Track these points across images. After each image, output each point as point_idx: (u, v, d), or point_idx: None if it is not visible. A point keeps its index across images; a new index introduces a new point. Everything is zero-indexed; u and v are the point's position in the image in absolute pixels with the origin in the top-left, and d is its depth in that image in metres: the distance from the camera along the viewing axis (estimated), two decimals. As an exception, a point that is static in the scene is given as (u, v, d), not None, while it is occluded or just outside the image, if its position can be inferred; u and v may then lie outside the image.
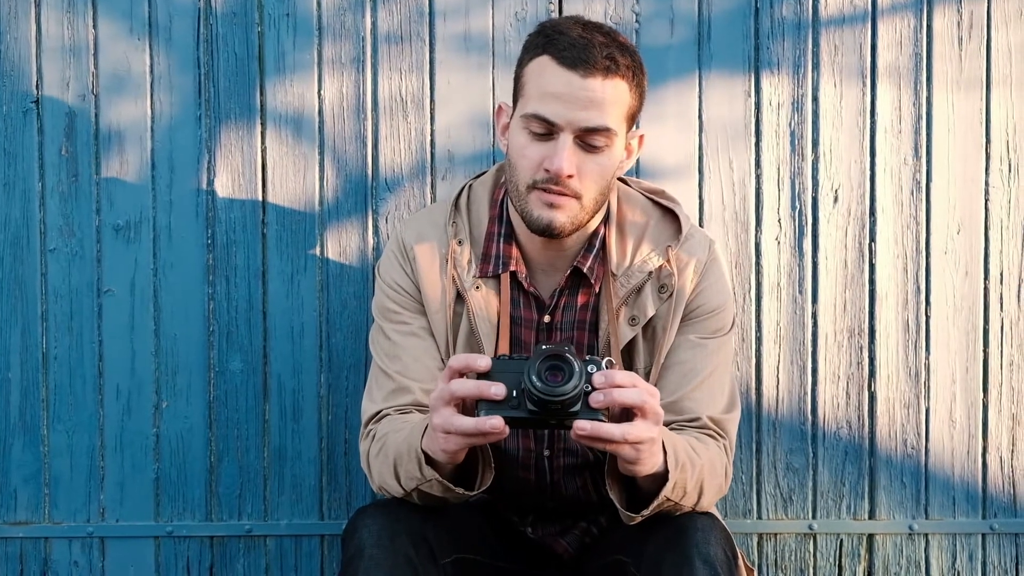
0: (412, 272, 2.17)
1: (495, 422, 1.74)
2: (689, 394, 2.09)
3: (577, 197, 2.02)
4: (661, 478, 1.87)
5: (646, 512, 1.89)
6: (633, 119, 2.06)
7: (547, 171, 2.00)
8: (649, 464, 1.83)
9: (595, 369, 1.75)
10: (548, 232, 2.04)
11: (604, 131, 1.99)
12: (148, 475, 2.59)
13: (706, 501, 1.99)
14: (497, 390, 1.75)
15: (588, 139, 1.99)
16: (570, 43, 1.98)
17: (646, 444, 1.79)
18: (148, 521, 2.59)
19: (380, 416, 2.12)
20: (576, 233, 2.09)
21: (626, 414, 1.78)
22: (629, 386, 1.76)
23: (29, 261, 2.56)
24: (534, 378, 1.71)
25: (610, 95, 1.98)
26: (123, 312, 2.56)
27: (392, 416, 2.09)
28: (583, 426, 1.74)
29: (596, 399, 1.75)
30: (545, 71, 2.00)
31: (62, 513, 2.60)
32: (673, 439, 1.91)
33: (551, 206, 2.02)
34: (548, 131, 2.00)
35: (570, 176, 1.99)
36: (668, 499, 1.88)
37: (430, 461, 1.88)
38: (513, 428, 1.76)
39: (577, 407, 1.74)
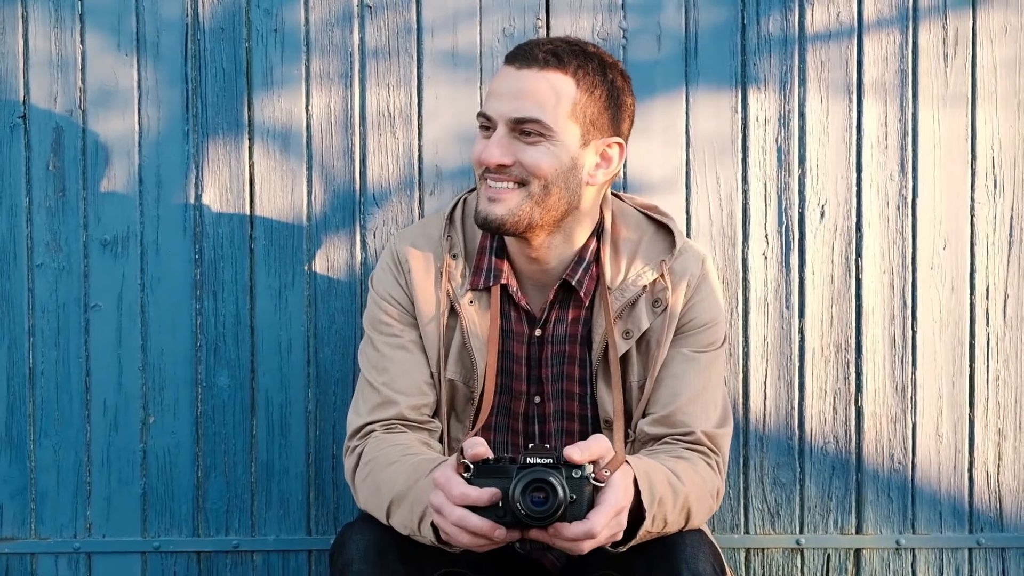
0: (406, 284, 2.17)
1: (500, 533, 1.76)
2: (683, 407, 2.10)
3: (521, 183, 2.03)
4: (639, 514, 1.86)
5: (622, 549, 1.87)
6: (594, 123, 2.04)
7: (483, 163, 2.04)
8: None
9: (579, 474, 1.75)
10: (489, 226, 2.05)
11: (533, 122, 2.00)
12: (135, 490, 2.58)
13: (695, 523, 1.99)
14: (501, 533, 1.76)
15: (521, 129, 2.01)
16: (522, 45, 2.06)
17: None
18: (135, 537, 2.59)
19: (365, 431, 2.11)
20: (557, 245, 2.11)
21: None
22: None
23: (16, 276, 2.55)
24: (519, 506, 1.73)
25: (543, 86, 2.00)
26: (110, 327, 2.56)
27: (378, 435, 2.09)
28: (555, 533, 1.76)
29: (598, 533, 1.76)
30: (496, 74, 2.07)
31: (48, 529, 2.59)
32: (649, 474, 1.89)
33: (491, 200, 2.04)
34: (488, 126, 2.05)
35: (502, 165, 2.02)
36: (649, 532, 1.88)
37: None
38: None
39: (558, 516, 1.76)
